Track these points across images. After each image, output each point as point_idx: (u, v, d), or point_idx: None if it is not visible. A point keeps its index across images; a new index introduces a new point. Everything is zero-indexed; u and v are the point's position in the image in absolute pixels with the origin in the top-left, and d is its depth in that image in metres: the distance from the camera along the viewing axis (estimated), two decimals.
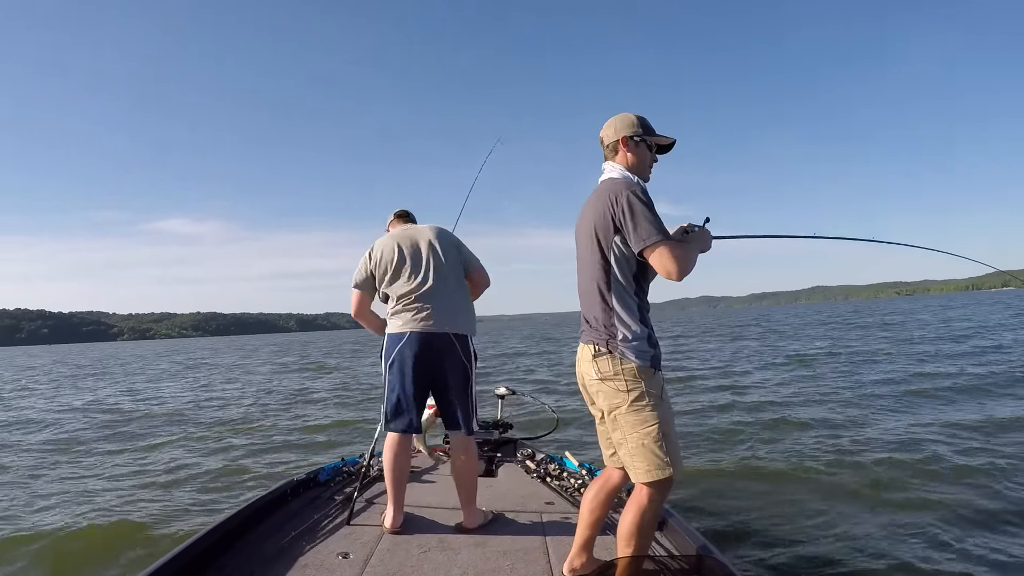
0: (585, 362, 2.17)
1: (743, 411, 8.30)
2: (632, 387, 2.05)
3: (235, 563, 2.46)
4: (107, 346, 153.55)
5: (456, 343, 2.85)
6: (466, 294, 2.99)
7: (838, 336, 23.26)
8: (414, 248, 2.94)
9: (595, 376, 2.11)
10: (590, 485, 2.41)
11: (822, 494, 4.75)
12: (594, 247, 2.13)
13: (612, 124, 2.25)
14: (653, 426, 2.04)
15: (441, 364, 2.84)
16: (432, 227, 3.06)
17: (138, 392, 15.95)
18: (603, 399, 2.12)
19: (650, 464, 2.03)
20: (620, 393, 2.06)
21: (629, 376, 2.06)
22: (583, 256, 2.21)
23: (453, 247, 3.00)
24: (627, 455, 2.09)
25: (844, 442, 6.20)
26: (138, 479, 6.00)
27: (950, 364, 11.91)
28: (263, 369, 23.48)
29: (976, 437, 6.09)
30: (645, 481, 2.05)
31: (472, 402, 2.89)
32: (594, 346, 2.12)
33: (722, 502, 4.65)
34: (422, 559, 2.50)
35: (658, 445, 2.03)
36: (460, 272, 2.98)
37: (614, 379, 2.07)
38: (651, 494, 2.07)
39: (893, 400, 8.45)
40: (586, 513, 2.34)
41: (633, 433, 2.05)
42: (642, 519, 2.09)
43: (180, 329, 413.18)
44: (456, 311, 2.88)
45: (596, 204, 2.15)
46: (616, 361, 2.07)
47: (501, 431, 4.37)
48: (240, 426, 9.12)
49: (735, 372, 13.14)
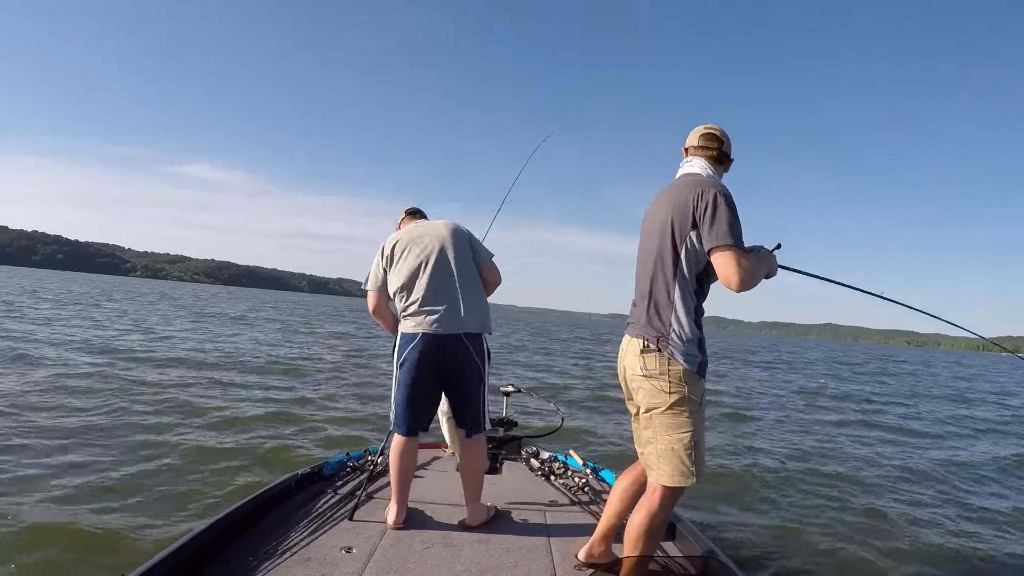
0: (631, 355, 2.15)
1: (754, 423, 8.40)
2: (675, 390, 2.05)
3: (238, 556, 2.46)
4: (119, 280, 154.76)
5: (469, 344, 2.84)
6: (480, 292, 2.95)
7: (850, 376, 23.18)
8: (426, 247, 2.91)
9: (639, 372, 2.10)
10: (623, 475, 2.42)
11: (832, 503, 4.89)
12: (666, 238, 2.10)
13: (697, 131, 2.29)
14: (687, 432, 2.05)
15: (453, 366, 2.84)
16: (446, 224, 3.01)
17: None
18: (643, 396, 2.11)
19: (675, 470, 2.05)
20: (662, 393, 2.06)
21: (674, 378, 2.05)
22: (649, 248, 2.19)
23: (465, 243, 2.96)
24: (654, 455, 2.11)
25: (860, 455, 6.33)
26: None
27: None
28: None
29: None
30: (667, 485, 2.07)
31: (484, 401, 2.92)
32: (644, 340, 2.10)
33: (730, 507, 4.77)
34: (425, 555, 2.53)
35: (688, 453, 2.05)
36: (473, 270, 2.94)
37: (659, 378, 2.06)
38: (665, 498, 2.10)
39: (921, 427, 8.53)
40: (616, 501, 2.38)
41: (666, 436, 2.06)
42: (652, 521, 2.12)
43: (192, 274, 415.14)
44: (469, 311, 2.85)
45: (678, 194, 2.12)
46: (664, 360, 2.06)
47: (506, 429, 4.39)
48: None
49: (756, 391, 13.19)
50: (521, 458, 4.10)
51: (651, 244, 2.18)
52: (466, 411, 2.90)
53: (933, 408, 13.35)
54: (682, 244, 2.07)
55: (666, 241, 2.10)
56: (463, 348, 2.82)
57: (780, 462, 6.36)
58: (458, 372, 2.85)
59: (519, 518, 3.01)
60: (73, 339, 13.49)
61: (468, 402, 2.89)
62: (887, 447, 7.82)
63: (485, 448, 3.02)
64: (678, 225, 2.07)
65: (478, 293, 2.93)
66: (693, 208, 2.03)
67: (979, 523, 4.81)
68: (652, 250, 2.17)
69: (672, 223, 2.09)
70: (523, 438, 4.40)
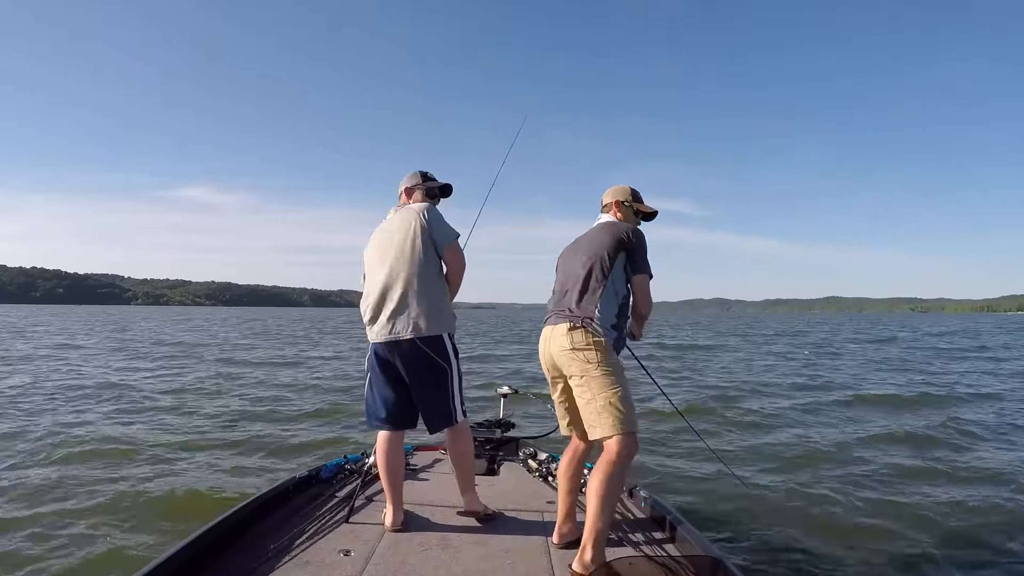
0: (559, 336, 2.57)
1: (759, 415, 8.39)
2: (601, 356, 2.47)
3: (236, 560, 2.46)
4: (120, 309, 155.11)
5: (426, 347, 2.76)
6: (439, 291, 2.83)
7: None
8: (387, 245, 2.86)
9: (568, 346, 2.52)
10: (562, 458, 2.86)
11: (837, 504, 4.88)
12: (601, 257, 2.61)
13: (611, 190, 2.94)
14: (618, 388, 2.42)
15: (411, 371, 2.79)
16: (407, 215, 2.89)
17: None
18: (576, 366, 2.50)
19: (615, 419, 2.37)
20: (592, 359, 2.47)
21: (599, 348, 2.49)
22: (575, 264, 2.70)
23: (427, 235, 2.81)
24: (594, 413, 2.42)
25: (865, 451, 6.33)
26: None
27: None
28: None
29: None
30: (611, 434, 2.37)
31: (454, 397, 2.84)
32: (570, 323, 2.55)
33: (731, 509, 4.77)
34: (423, 556, 2.53)
35: (623, 403, 2.40)
36: (433, 265, 2.82)
37: (586, 349, 2.49)
38: (618, 451, 2.36)
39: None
40: (564, 482, 2.78)
41: (601, 393, 2.41)
42: (609, 477, 2.35)
43: (194, 297, 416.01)
44: (424, 313, 2.75)
45: (606, 229, 2.71)
46: (589, 335, 2.51)
47: (503, 430, 4.41)
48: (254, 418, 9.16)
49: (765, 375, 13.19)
50: (519, 459, 4.10)
51: (578, 262, 2.75)
52: (432, 416, 2.85)
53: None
54: (614, 262, 2.67)
55: (600, 259, 2.66)
56: (419, 352, 2.76)
57: (779, 461, 6.34)
58: (417, 376, 2.79)
59: (517, 519, 3.02)
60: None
61: (433, 405, 2.83)
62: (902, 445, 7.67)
63: (468, 432, 2.97)
64: (612, 248, 2.65)
65: (436, 292, 2.82)
66: (624, 239, 2.65)
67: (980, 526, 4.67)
68: (578, 265, 2.74)
69: (606, 246, 2.66)
70: (520, 439, 4.39)
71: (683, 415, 4.41)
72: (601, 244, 2.66)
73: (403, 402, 2.88)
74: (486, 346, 24.84)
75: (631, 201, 2.91)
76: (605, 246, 2.63)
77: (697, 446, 6.48)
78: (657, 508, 3.03)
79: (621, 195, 2.92)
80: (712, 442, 6.79)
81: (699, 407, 9.43)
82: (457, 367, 2.87)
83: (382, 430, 2.90)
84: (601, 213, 2.96)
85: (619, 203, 2.90)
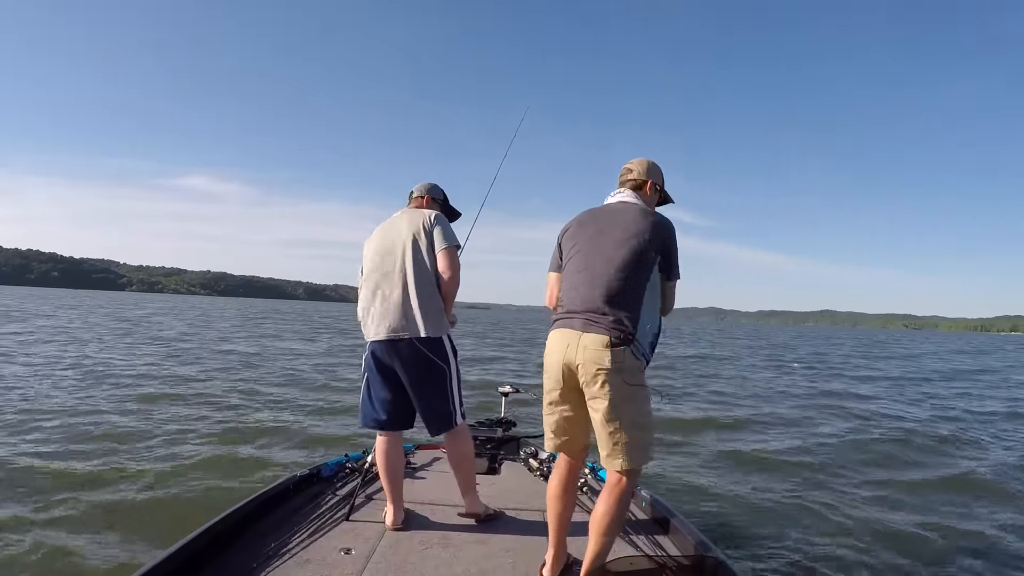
0: (594, 349, 2.16)
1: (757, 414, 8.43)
2: (640, 381, 2.20)
3: (237, 558, 2.45)
4: (115, 295, 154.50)
5: (424, 348, 2.75)
6: (434, 293, 2.80)
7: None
8: (390, 243, 2.86)
9: (607, 366, 2.13)
10: (552, 478, 2.41)
11: (832, 495, 4.94)
12: (644, 252, 2.22)
13: (645, 164, 2.49)
14: (650, 418, 2.24)
15: (409, 371, 2.78)
16: (425, 213, 2.90)
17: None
18: (611, 390, 2.14)
19: (641, 452, 2.17)
20: (632, 381, 2.17)
21: (639, 371, 2.20)
22: (606, 248, 2.27)
23: (428, 240, 2.81)
24: (620, 444, 2.15)
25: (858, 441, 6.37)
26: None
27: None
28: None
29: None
30: (631, 467, 2.16)
31: (453, 398, 2.84)
32: (611, 336, 2.16)
33: (724, 504, 4.81)
34: (424, 555, 2.54)
35: (651, 435, 2.23)
36: (432, 267, 2.81)
37: (627, 372, 2.15)
38: (630, 482, 2.20)
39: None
40: (559, 508, 2.34)
41: (635, 424, 2.16)
42: (621, 508, 2.20)
43: (188, 286, 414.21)
44: (422, 314, 2.74)
45: (646, 217, 2.30)
46: (630, 354, 2.16)
47: (504, 429, 4.42)
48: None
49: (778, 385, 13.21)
50: (520, 458, 4.10)
51: (613, 250, 2.36)
52: (432, 417, 2.85)
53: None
54: (654, 263, 2.31)
55: (641, 255, 2.30)
56: (418, 352, 2.75)
57: (778, 459, 6.39)
58: (415, 377, 2.79)
59: (518, 518, 3.02)
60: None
61: (432, 406, 2.83)
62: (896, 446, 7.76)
63: (467, 433, 2.98)
64: (653, 247, 2.30)
65: (433, 294, 2.79)
66: (664, 238, 2.31)
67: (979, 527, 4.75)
68: (615, 256, 2.33)
69: (645, 242, 2.29)
70: (522, 438, 4.40)
71: (683, 416, 4.45)
72: (641, 234, 2.24)
73: (400, 403, 2.87)
74: (485, 348, 24.82)
75: (663, 187, 2.50)
76: (647, 239, 2.23)
77: (697, 447, 6.52)
78: (657, 508, 3.03)
79: (658, 176, 2.47)
80: (712, 443, 6.84)
81: (698, 408, 9.48)
82: (456, 368, 2.86)
83: (379, 431, 2.90)
84: (623, 188, 2.46)
85: (654, 185, 2.45)
